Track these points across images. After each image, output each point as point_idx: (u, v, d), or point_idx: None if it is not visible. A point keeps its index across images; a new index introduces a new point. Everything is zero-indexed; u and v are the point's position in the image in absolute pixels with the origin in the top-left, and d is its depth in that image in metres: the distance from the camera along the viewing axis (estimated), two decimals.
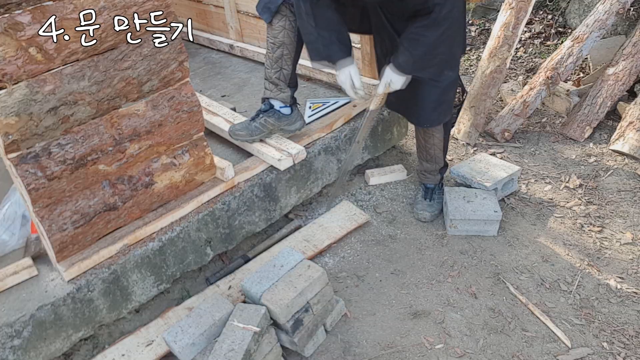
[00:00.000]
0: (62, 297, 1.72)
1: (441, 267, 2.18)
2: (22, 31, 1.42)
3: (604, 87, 2.94)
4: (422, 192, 2.45)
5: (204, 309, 1.77)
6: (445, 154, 2.37)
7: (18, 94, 1.47)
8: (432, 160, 2.35)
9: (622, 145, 2.75)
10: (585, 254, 2.19)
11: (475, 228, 2.31)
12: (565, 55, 2.98)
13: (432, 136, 2.27)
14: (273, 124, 2.20)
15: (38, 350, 1.71)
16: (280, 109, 2.20)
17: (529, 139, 3.00)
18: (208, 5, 3.42)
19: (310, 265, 1.87)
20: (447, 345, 1.86)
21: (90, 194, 1.74)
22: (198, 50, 3.53)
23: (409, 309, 2.01)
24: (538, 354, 1.80)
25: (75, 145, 1.63)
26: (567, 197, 2.51)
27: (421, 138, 2.32)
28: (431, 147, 2.30)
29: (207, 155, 2.02)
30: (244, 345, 1.62)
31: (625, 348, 1.80)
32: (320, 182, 2.43)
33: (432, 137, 2.27)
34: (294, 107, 2.25)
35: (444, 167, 2.43)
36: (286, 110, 2.21)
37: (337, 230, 2.34)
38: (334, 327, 1.96)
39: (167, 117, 1.83)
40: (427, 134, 2.27)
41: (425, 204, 2.40)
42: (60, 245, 1.72)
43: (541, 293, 2.03)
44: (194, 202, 2.00)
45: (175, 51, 1.77)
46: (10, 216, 1.94)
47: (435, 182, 2.43)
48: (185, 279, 2.13)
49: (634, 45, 2.91)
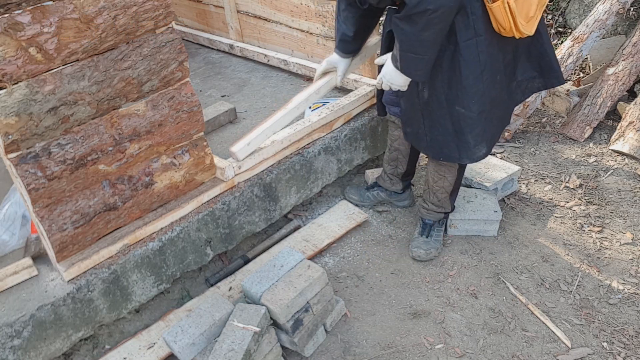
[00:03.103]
0: (62, 297, 1.72)
1: (441, 267, 2.18)
2: (22, 31, 1.42)
3: (604, 87, 2.94)
4: (419, 228, 2.27)
5: (204, 309, 1.77)
6: (453, 199, 2.19)
7: (18, 94, 1.47)
8: (438, 204, 2.19)
9: (622, 145, 2.75)
10: (585, 254, 2.19)
11: (475, 228, 2.31)
12: (565, 55, 2.98)
13: (443, 178, 2.09)
14: (384, 198, 2.51)
15: (38, 350, 1.71)
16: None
17: (529, 139, 3.00)
18: (208, 5, 3.42)
19: (310, 265, 1.87)
20: (447, 345, 1.86)
21: (90, 194, 1.74)
22: (198, 50, 3.53)
23: (409, 309, 2.01)
24: (538, 354, 1.80)
25: (75, 145, 1.63)
26: (567, 197, 2.51)
27: (430, 177, 2.15)
28: (439, 189, 2.14)
29: (207, 155, 2.02)
30: (244, 345, 1.62)
31: (625, 348, 1.80)
32: (320, 182, 2.43)
33: (443, 179, 2.10)
34: (407, 190, 2.48)
35: (451, 211, 2.26)
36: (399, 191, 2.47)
37: (337, 229, 2.34)
38: (334, 327, 1.96)
39: (167, 117, 1.83)
40: (438, 174, 2.10)
41: (420, 240, 2.21)
42: (60, 245, 1.72)
43: (541, 293, 2.03)
44: (194, 202, 2.00)
45: (175, 51, 1.77)
46: (10, 216, 1.94)
47: (435, 219, 2.24)
48: (185, 279, 2.13)
49: (634, 45, 2.91)
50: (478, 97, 1.78)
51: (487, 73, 1.76)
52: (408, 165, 2.34)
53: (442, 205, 2.19)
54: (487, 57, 1.73)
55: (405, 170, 2.36)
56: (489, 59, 1.74)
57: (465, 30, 1.68)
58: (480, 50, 1.71)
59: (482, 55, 1.72)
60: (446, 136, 1.90)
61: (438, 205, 2.19)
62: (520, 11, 1.65)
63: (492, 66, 1.76)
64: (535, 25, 1.74)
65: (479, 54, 1.71)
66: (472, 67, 1.73)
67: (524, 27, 1.69)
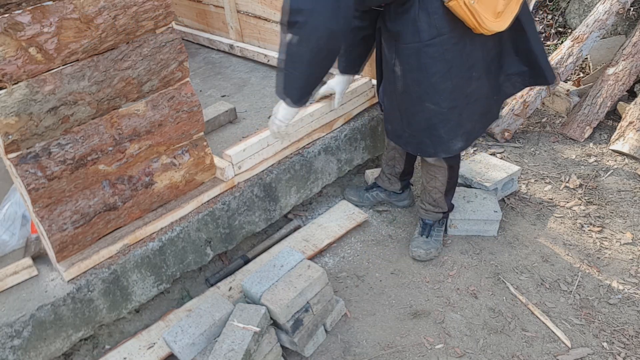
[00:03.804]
0: (62, 297, 1.72)
1: (441, 267, 2.18)
2: (22, 31, 1.42)
3: (604, 87, 2.94)
4: (419, 228, 2.27)
5: (204, 309, 1.77)
6: (449, 199, 2.19)
7: (18, 94, 1.47)
8: (434, 204, 2.19)
9: (622, 145, 2.75)
10: (585, 254, 2.19)
11: (475, 228, 2.31)
12: (565, 55, 2.98)
13: (434, 178, 2.10)
14: (383, 199, 2.51)
15: (38, 350, 1.71)
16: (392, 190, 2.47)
17: (529, 139, 3.00)
18: (208, 5, 3.42)
19: (310, 265, 1.87)
20: (447, 345, 1.86)
21: (90, 194, 1.74)
22: (198, 50, 3.53)
23: (409, 309, 2.01)
24: (538, 354, 1.80)
25: (75, 145, 1.64)
26: (567, 197, 2.51)
27: (423, 178, 2.18)
28: (432, 189, 2.15)
29: (207, 155, 2.02)
30: (244, 345, 1.62)
31: (625, 348, 1.80)
32: (320, 182, 2.43)
33: (434, 179, 2.11)
34: (406, 190, 2.48)
35: (449, 211, 2.26)
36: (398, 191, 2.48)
37: (337, 229, 2.34)
38: (334, 327, 1.96)
39: (167, 117, 1.83)
40: (429, 175, 2.12)
41: (420, 240, 2.21)
42: (60, 245, 1.72)
43: (541, 293, 2.03)
44: (194, 202, 2.00)
45: (175, 51, 1.77)
46: (10, 216, 1.94)
47: (434, 219, 2.24)
48: (185, 279, 2.13)
49: (634, 45, 2.91)
50: (447, 94, 1.80)
51: (456, 70, 1.76)
52: (405, 164, 2.33)
53: (439, 205, 2.19)
54: (455, 55, 1.74)
55: (402, 170, 2.36)
56: (459, 57, 1.75)
57: (428, 29, 1.68)
58: (446, 49, 1.72)
59: (448, 53, 1.72)
60: (420, 132, 1.92)
61: (434, 205, 2.20)
62: (485, 8, 1.63)
63: (465, 63, 1.77)
64: (509, 19, 1.71)
65: (444, 52, 1.72)
66: (438, 65, 1.74)
67: (493, 23, 1.67)
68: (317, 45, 1.59)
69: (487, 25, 1.65)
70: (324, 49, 1.61)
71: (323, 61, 1.67)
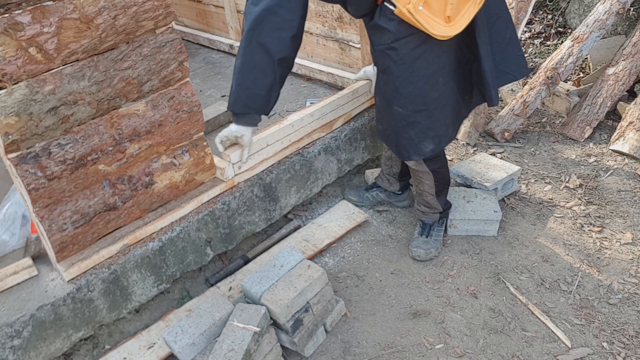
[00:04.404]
0: (62, 297, 1.72)
1: (441, 267, 2.18)
2: (22, 31, 1.42)
3: (604, 87, 2.94)
4: (419, 228, 2.28)
5: (204, 309, 1.77)
6: (441, 200, 2.20)
7: (18, 94, 1.47)
8: (428, 206, 2.21)
9: (622, 145, 2.75)
10: (585, 254, 2.19)
11: (475, 228, 2.31)
12: (565, 55, 2.98)
13: (421, 182, 2.15)
14: (383, 199, 2.52)
15: (38, 350, 1.71)
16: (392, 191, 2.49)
17: (529, 139, 3.00)
18: (208, 5, 3.42)
19: (310, 265, 1.87)
20: (447, 345, 1.86)
21: (90, 194, 1.74)
22: (198, 50, 3.53)
23: (409, 309, 2.01)
24: (538, 354, 1.80)
25: (75, 145, 1.64)
26: (567, 197, 2.51)
27: (413, 182, 2.22)
28: (422, 192, 2.18)
29: (207, 155, 2.02)
30: (244, 345, 1.62)
31: (625, 348, 1.80)
32: (320, 182, 2.43)
33: (421, 183, 2.15)
34: (405, 190, 2.49)
35: (444, 211, 2.25)
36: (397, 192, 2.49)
37: (337, 229, 2.34)
38: (334, 327, 1.96)
39: (167, 117, 1.83)
40: (416, 179, 2.16)
41: (420, 240, 2.22)
42: (60, 245, 1.72)
43: (541, 293, 2.03)
44: (194, 202, 2.00)
45: (175, 51, 1.77)
46: (10, 216, 1.94)
47: (432, 220, 2.25)
48: (185, 279, 2.13)
49: (634, 45, 2.91)
50: (412, 98, 1.84)
51: (419, 75, 1.79)
52: (402, 164, 2.34)
53: (432, 206, 2.21)
54: (415, 59, 1.76)
55: (400, 170, 2.36)
56: (421, 61, 1.77)
57: (388, 33, 1.74)
58: (405, 53, 1.76)
59: (408, 57, 1.76)
60: (395, 133, 1.97)
61: (428, 207, 2.22)
62: (434, 12, 1.63)
63: (428, 68, 1.79)
64: (464, 23, 1.68)
65: (404, 57, 1.76)
66: (400, 68, 1.79)
67: (445, 28, 1.66)
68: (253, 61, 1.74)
69: (438, 30, 1.65)
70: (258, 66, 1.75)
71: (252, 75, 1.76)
